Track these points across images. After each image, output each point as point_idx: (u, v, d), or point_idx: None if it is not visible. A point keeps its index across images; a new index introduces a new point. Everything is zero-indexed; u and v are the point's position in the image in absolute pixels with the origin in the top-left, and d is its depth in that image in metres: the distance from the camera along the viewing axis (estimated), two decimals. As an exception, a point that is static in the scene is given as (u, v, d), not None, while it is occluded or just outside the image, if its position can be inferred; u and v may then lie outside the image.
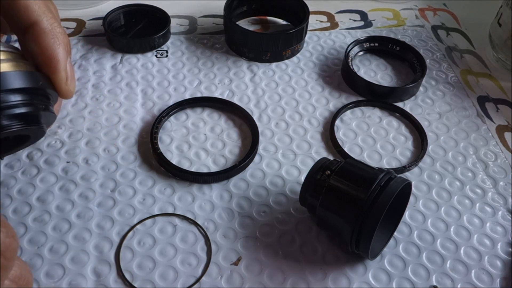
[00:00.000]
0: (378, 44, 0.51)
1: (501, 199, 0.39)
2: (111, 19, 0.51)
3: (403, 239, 0.36)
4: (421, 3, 0.60)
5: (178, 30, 0.53)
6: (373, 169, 0.33)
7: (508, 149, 0.43)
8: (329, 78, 0.49)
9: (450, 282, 0.33)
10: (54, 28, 0.26)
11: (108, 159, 0.39)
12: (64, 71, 0.26)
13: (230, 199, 0.37)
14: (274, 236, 0.35)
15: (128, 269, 0.33)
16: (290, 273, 0.33)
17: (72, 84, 0.27)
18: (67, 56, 0.27)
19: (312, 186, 0.33)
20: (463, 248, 0.35)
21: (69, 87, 0.26)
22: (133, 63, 0.48)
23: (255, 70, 0.49)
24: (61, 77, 0.26)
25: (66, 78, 0.26)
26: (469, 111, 0.46)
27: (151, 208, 0.36)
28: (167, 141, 0.41)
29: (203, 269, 0.33)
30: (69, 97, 0.27)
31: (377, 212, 0.30)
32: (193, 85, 0.47)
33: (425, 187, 0.39)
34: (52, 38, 0.26)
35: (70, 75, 0.27)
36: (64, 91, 0.26)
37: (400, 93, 0.46)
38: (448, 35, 0.56)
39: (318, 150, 0.42)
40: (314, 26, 0.55)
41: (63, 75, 0.26)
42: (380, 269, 0.34)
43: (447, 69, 0.51)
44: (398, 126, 0.44)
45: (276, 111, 0.45)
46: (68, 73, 0.27)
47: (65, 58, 0.26)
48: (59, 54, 0.26)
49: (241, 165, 0.39)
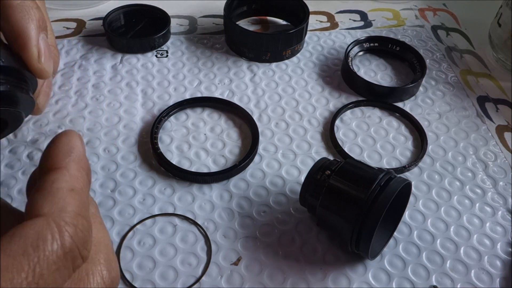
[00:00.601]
0: (378, 44, 0.51)
1: (501, 199, 0.39)
2: (111, 19, 0.51)
3: (403, 239, 0.36)
4: (421, 3, 0.60)
5: (178, 30, 0.53)
6: (373, 169, 0.33)
7: (508, 149, 0.43)
8: (329, 78, 0.49)
9: (450, 282, 0.33)
10: (24, 2, 0.25)
11: (108, 159, 0.39)
12: (36, 47, 0.24)
13: (230, 199, 0.37)
14: (274, 236, 0.35)
15: (128, 269, 0.33)
16: (290, 273, 0.33)
17: (47, 63, 0.25)
18: (39, 32, 0.25)
19: (312, 186, 0.33)
20: (463, 248, 0.35)
21: (43, 65, 0.25)
22: (133, 63, 0.48)
23: (255, 70, 0.49)
24: (32, 54, 0.24)
25: (39, 55, 0.25)
26: (469, 111, 0.46)
27: (151, 208, 0.36)
28: (167, 141, 0.41)
29: (203, 269, 0.33)
30: (44, 77, 0.25)
31: (377, 212, 0.30)
32: (193, 85, 0.47)
33: (425, 187, 0.39)
34: (20, 12, 0.24)
35: (45, 52, 0.25)
36: (37, 69, 0.24)
37: (400, 93, 0.46)
38: (448, 35, 0.56)
39: (318, 150, 0.42)
40: (314, 26, 0.55)
41: (34, 51, 0.24)
42: (380, 269, 0.34)
43: (447, 69, 0.51)
44: (398, 126, 0.44)
45: (276, 111, 0.45)
46: (42, 49, 0.25)
47: (36, 34, 0.25)
48: (28, 29, 0.24)
49: (241, 165, 0.39)
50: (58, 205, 0.20)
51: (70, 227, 0.19)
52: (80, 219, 0.20)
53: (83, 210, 0.21)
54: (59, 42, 0.50)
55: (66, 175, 0.21)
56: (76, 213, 0.20)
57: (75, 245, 0.19)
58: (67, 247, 0.19)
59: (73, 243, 0.19)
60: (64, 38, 0.51)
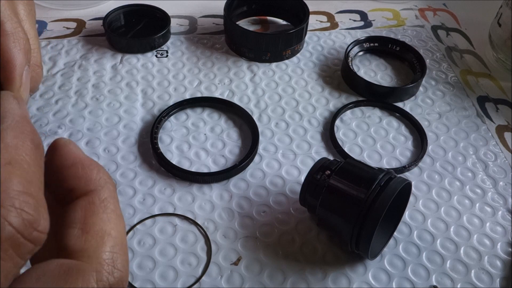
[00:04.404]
0: (378, 44, 0.51)
1: (501, 199, 0.39)
2: (111, 19, 0.51)
3: (403, 239, 0.36)
4: (421, 3, 0.60)
5: (178, 30, 0.53)
6: (373, 169, 0.33)
7: (508, 149, 0.43)
8: (329, 78, 0.49)
9: (450, 282, 0.33)
10: (18, 33, 0.25)
11: (108, 159, 0.39)
12: (19, 77, 0.25)
13: (230, 199, 0.37)
14: (274, 236, 0.35)
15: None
16: (290, 273, 0.33)
17: (25, 92, 0.26)
18: (25, 63, 0.26)
19: (312, 186, 0.33)
20: (463, 248, 0.35)
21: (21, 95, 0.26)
22: (133, 63, 0.48)
23: (255, 70, 0.49)
24: (15, 84, 0.25)
25: (20, 85, 0.25)
26: (469, 111, 0.46)
27: (151, 208, 0.36)
28: (167, 141, 0.41)
29: (203, 269, 0.33)
30: None
31: (377, 212, 0.30)
32: (193, 85, 0.47)
33: (425, 187, 0.39)
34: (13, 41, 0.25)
35: (25, 84, 0.26)
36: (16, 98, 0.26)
37: (400, 93, 0.46)
38: (448, 35, 0.56)
39: (318, 150, 0.42)
40: (314, 26, 0.55)
41: (18, 82, 0.25)
42: (380, 269, 0.34)
43: (447, 69, 0.51)
44: (398, 126, 0.44)
45: (276, 111, 0.45)
46: (23, 81, 0.26)
47: (22, 64, 0.25)
48: (17, 60, 0.25)
49: (241, 165, 0.39)
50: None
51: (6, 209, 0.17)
52: (22, 197, 0.17)
53: (27, 186, 0.18)
54: (59, 42, 0.50)
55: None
56: (18, 191, 0.17)
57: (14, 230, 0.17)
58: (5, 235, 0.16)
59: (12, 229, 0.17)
60: (64, 38, 0.51)
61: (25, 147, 0.19)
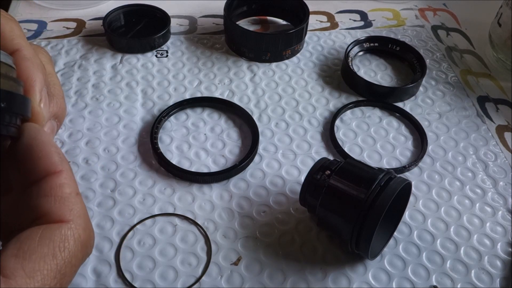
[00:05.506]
0: (378, 44, 0.51)
1: (501, 199, 0.39)
2: (111, 19, 0.51)
3: (403, 239, 0.36)
4: (421, 3, 0.60)
5: (178, 30, 0.53)
6: (373, 169, 0.33)
7: (508, 149, 0.43)
8: (329, 78, 0.49)
9: (450, 282, 0.33)
10: (35, 58, 0.28)
11: (108, 159, 0.39)
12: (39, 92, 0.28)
13: (230, 199, 0.37)
14: (274, 236, 0.35)
15: (128, 269, 0.33)
16: (290, 273, 0.33)
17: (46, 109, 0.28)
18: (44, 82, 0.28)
19: (312, 186, 0.33)
20: (463, 248, 0.35)
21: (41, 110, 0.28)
22: (133, 63, 0.48)
23: (255, 70, 0.49)
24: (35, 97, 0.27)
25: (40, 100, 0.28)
26: (469, 111, 0.46)
27: (151, 208, 0.36)
28: (167, 141, 0.41)
29: (203, 269, 0.33)
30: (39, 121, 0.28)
31: (377, 212, 0.30)
32: (193, 85, 0.47)
33: (425, 187, 0.39)
34: (31, 64, 0.28)
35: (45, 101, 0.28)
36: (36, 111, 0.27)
37: (400, 93, 0.46)
38: (448, 35, 0.56)
39: (318, 150, 0.42)
40: (314, 26, 0.55)
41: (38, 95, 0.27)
42: (380, 269, 0.34)
43: (447, 69, 0.51)
44: (398, 126, 0.44)
45: (276, 111, 0.45)
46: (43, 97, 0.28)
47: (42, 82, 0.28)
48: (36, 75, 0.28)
49: (241, 165, 0.39)
50: (74, 212, 0.24)
51: (83, 230, 0.24)
52: (85, 217, 0.24)
53: (85, 210, 0.25)
54: (59, 42, 0.50)
55: (67, 178, 0.24)
56: (83, 214, 0.24)
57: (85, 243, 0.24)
58: (82, 247, 0.24)
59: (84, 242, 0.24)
60: (64, 38, 0.51)
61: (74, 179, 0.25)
